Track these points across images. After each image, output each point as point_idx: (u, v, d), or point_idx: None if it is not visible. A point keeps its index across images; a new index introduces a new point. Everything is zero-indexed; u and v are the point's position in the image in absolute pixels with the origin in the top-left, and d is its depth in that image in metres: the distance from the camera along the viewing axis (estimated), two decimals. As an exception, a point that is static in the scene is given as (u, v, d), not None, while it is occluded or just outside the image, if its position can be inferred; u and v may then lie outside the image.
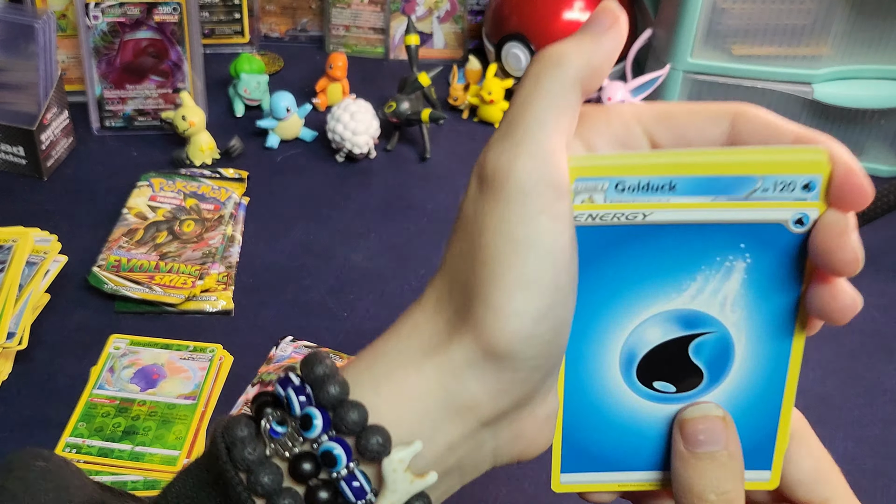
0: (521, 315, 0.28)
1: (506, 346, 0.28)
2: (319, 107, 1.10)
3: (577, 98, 0.29)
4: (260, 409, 0.29)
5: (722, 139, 0.30)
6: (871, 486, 0.68)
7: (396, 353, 0.30)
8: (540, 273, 0.28)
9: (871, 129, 1.04)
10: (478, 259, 0.28)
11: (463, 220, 0.30)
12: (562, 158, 0.28)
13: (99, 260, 0.84)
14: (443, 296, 0.30)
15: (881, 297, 0.87)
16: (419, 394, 0.29)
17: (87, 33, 1.00)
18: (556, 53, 0.29)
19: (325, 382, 0.29)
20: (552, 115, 0.28)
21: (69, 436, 0.69)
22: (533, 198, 0.28)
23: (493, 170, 0.28)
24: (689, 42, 0.97)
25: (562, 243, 0.28)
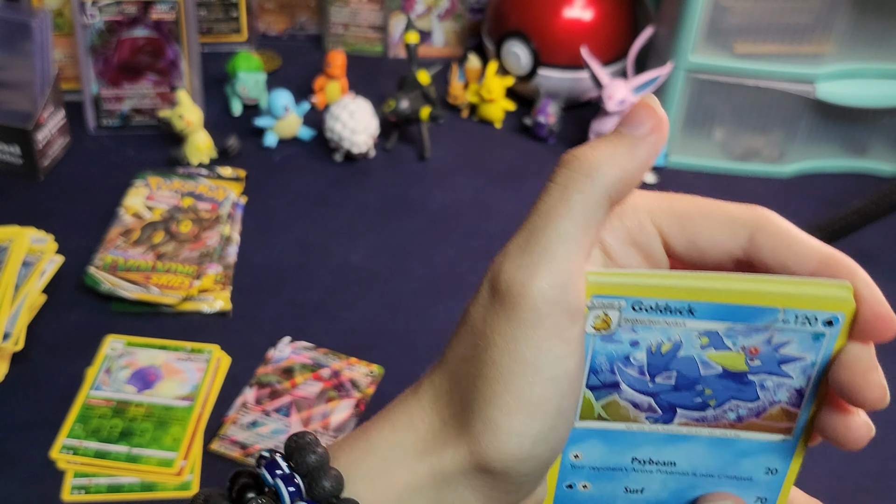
0: (520, 437, 0.27)
1: (502, 465, 0.28)
2: (318, 105, 1.09)
3: (605, 214, 0.27)
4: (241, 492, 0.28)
5: (738, 252, 0.28)
6: (873, 487, 0.68)
7: (390, 448, 0.29)
8: (544, 398, 0.27)
9: (874, 128, 1.03)
10: (482, 373, 0.28)
11: (470, 325, 0.29)
12: (581, 281, 0.27)
13: (95, 260, 0.84)
14: (441, 395, 0.29)
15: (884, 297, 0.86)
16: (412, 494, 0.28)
17: (83, 32, 1.00)
18: (589, 163, 0.27)
19: (318, 475, 0.28)
20: (577, 233, 0.27)
21: (66, 437, 0.69)
22: (547, 322, 0.27)
23: (508, 284, 0.27)
24: (691, 40, 0.96)
25: (569, 368, 0.27)
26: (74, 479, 0.67)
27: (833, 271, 0.28)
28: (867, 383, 0.27)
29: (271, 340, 0.78)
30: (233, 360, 0.76)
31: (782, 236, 0.28)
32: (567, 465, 0.32)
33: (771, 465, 0.31)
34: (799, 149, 1.04)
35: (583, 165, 0.27)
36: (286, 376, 0.75)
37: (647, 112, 0.28)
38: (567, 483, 0.32)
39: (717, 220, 0.29)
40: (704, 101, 1.01)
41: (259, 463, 0.29)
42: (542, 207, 0.27)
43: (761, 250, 0.28)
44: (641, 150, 0.28)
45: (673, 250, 0.29)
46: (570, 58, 1.06)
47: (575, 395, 0.28)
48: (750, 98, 1.00)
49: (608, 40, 1.07)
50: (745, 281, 0.28)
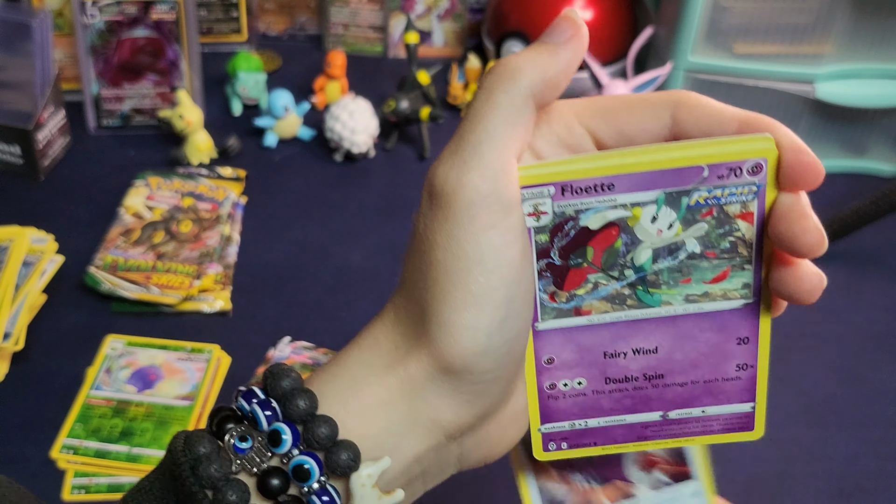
0: (473, 330, 0.28)
1: (460, 361, 0.28)
2: (318, 105, 1.09)
3: (530, 112, 0.29)
4: (220, 424, 0.29)
5: (664, 132, 0.30)
6: (873, 487, 0.68)
7: (359, 366, 0.30)
8: (490, 287, 0.28)
9: (874, 128, 1.03)
10: (429, 276, 0.29)
11: (415, 235, 0.30)
12: (512, 173, 0.28)
13: (96, 260, 0.84)
14: (399, 310, 0.30)
15: (884, 297, 0.86)
16: (384, 407, 0.29)
17: (83, 32, 1.00)
18: (511, 66, 0.29)
19: (293, 396, 0.28)
20: (503, 130, 0.28)
21: (66, 437, 0.69)
22: (481, 214, 0.28)
23: (441, 185, 0.28)
24: (691, 40, 0.96)
25: (511, 256, 0.28)
26: (75, 478, 0.67)
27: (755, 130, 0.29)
28: (802, 230, 0.28)
29: (271, 340, 0.78)
30: (233, 359, 0.76)
31: (701, 107, 0.29)
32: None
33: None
34: (798, 149, 1.04)
35: (506, 69, 0.29)
36: (286, 376, 0.75)
37: (567, 23, 0.29)
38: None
39: (639, 107, 0.30)
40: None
41: (236, 396, 0.29)
42: (470, 113, 0.29)
43: (684, 125, 0.29)
44: (562, 55, 0.29)
45: (603, 145, 0.31)
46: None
47: (524, 285, 0.29)
48: (749, 98, 1.00)
49: (608, 40, 1.08)
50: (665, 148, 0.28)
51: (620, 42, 1.08)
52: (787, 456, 0.70)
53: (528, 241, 0.29)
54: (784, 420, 0.73)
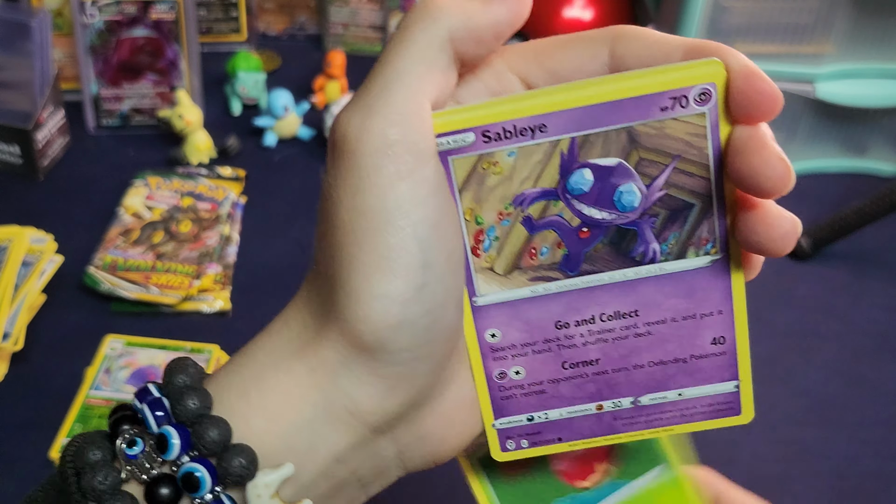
0: (383, 299, 0.24)
1: (372, 336, 0.24)
2: (317, 105, 1.09)
3: (448, 57, 0.25)
4: (116, 425, 0.26)
5: (602, 70, 0.26)
6: (873, 488, 0.68)
7: (265, 354, 0.26)
8: (402, 249, 0.24)
9: (874, 128, 1.03)
10: (334, 240, 0.25)
11: (321, 197, 0.26)
12: (425, 118, 0.24)
13: (95, 260, 0.84)
14: (311, 287, 0.27)
15: (885, 297, 0.86)
16: (292, 400, 0.25)
17: (83, 31, 1.00)
18: (431, 5, 0.25)
19: (183, 394, 0.25)
20: (415, 71, 0.24)
21: (65, 437, 0.69)
22: (389, 163, 0.24)
23: (343, 133, 0.25)
24: (690, 40, 0.96)
25: (426, 213, 0.24)
26: (74, 479, 0.67)
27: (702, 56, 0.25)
28: (763, 162, 0.24)
29: (271, 340, 0.78)
30: (232, 359, 0.76)
31: (642, 38, 0.26)
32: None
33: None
34: (798, 149, 1.04)
35: (428, 6, 0.25)
36: (286, 376, 0.75)
37: None
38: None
39: (573, 46, 0.27)
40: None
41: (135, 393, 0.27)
42: (382, 53, 0.25)
43: (625, 60, 0.26)
44: (494, 8, 0.25)
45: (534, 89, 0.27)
46: (570, 58, 1.06)
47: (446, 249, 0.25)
48: (750, 98, 1.00)
49: (608, 40, 1.08)
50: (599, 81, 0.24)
51: (620, 42, 1.08)
52: (787, 456, 0.70)
53: (447, 197, 0.25)
54: (784, 420, 0.73)
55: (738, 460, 0.69)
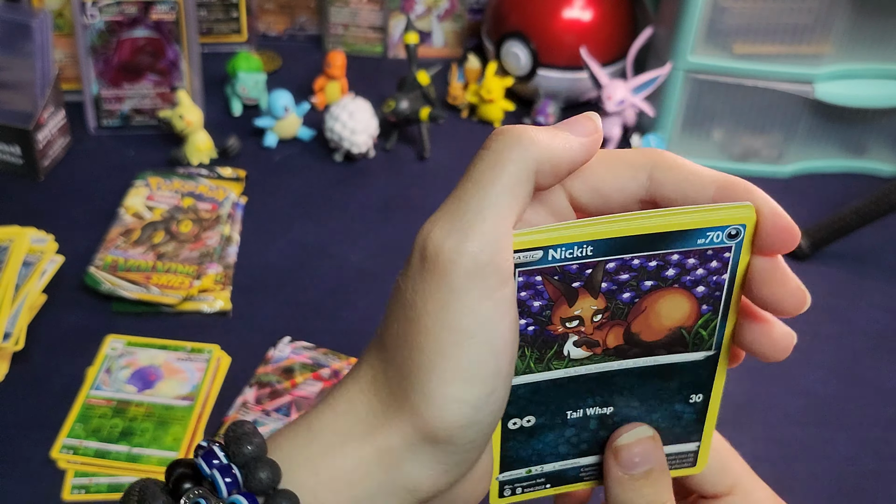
0: (460, 404, 0.27)
1: (445, 434, 0.27)
2: (318, 105, 1.09)
3: (531, 187, 0.28)
4: (178, 482, 0.27)
5: (641, 192, 0.29)
6: (872, 487, 0.68)
7: (332, 432, 0.28)
8: (480, 363, 0.27)
9: (873, 129, 1.03)
10: (416, 344, 0.27)
11: (401, 298, 0.28)
12: (508, 244, 0.27)
13: (96, 260, 0.84)
14: (379, 374, 0.29)
15: (883, 297, 0.87)
16: (358, 478, 0.28)
17: (83, 32, 1.00)
18: (524, 135, 0.27)
19: (255, 466, 0.27)
20: (506, 199, 0.27)
21: (66, 437, 0.69)
22: (478, 285, 0.26)
23: (437, 251, 0.27)
24: (690, 40, 0.96)
25: (503, 329, 0.27)
26: (75, 478, 0.67)
27: (732, 194, 0.29)
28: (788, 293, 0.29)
29: (271, 340, 0.78)
30: (233, 359, 0.76)
31: (679, 169, 0.29)
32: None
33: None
34: (798, 149, 1.04)
35: (519, 137, 0.27)
36: (286, 376, 0.75)
37: (588, 122, 0.29)
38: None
39: (615, 165, 0.29)
40: (703, 102, 1.01)
41: (197, 453, 0.28)
42: (473, 174, 0.28)
43: (662, 186, 0.29)
44: (574, 146, 0.28)
45: (578, 203, 0.30)
46: (570, 58, 1.06)
47: (510, 356, 0.28)
48: (749, 98, 1.00)
49: (607, 41, 1.08)
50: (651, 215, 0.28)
51: (620, 42, 1.08)
52: (787, 456, 0.70)
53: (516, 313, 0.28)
54: (784, 420, 0.73)
55: (737, 460, 0.69)
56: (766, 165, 1.04)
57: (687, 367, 0.32)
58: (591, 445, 0.33)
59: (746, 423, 0.73)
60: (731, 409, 0.75)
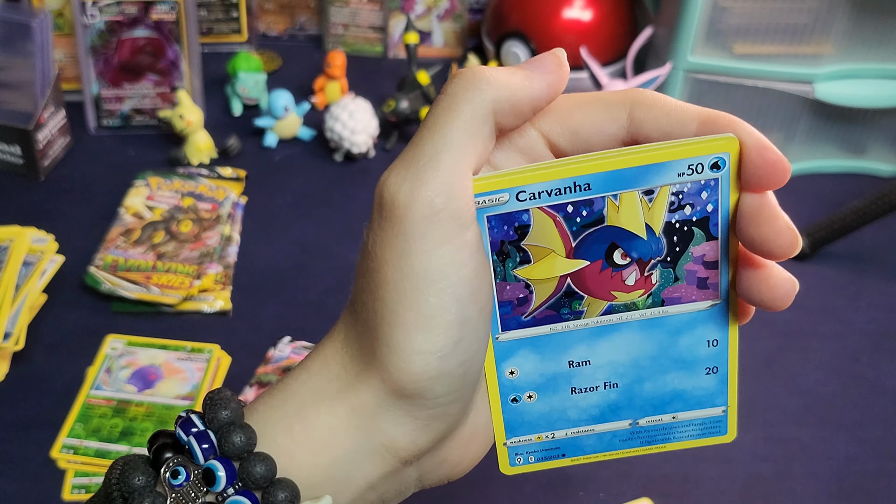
0: (424, 354, 0.26)
1: (413, 386, 0.27)
2: (318, 105, 1.09)
3: (490, 127, 0.27)
4: (159, 452, 0.27)
5: (621, 132, 0.28)
6: (872, 488, 0.68)
7: (307, 392, 0.28)
8: (443, 309, 0.26)
9: (873, 129, 1.03)
10: (378, 295, 0.27)
11: (364, 251, 0.28)
12: (467, 187, 0.27)
13: (96, 260, 0.84)
14: (350, 331, 0.29)
15: (883, 297, 0.87)
16: (334, 436, 0.27)
17: (83, 32, 1.00)
18: (480, 76, 0.27)
19: (230, 430, 0.27)
20: (462, 142, 0.26)
21: (66, 437, 0.69)
22: (435, 229, 0.26)
23: (392, 198, 0.27)
24: (690, 40, 0.96)
25: (465, 274, 0.26)
26: (75, 478, 0.67)
27: (714, 128, 0.28)
28: (775, 231, 0.27)
29: (271, 340, 0.78)
30: (233, 359, 0.76)
31: (659, 106, 0.28)
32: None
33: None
34: (798, 149, 1.04)
35: (474, 78, 0.27)
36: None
37: (552, 58, 0.28)
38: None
39: (593, 107, 0.29)
40: (703, 102, 1.01)
41: (176, 422, 0.28)
42: (429, 120, 0.27)
43: (642, 125, 0.28)
44: (536, 83, 0.27)
45: (557, 148, 0.29)
46: (570, 58, 1.05)
47: (479, 304, 0.27)
48: (749, 98, 1.00)
49: (607, 41, 1.08)
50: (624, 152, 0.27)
51: (620, 42, 1.08)
52: (787, 456, 0.70)
53: (483, 257, 0.27)
54: (784, 420, 0.73)
55: (737, 459, 0.69)
56: (766, 165, 1.04)
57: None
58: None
59: (746, 422, 0.73)
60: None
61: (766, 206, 0.27)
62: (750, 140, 0.27)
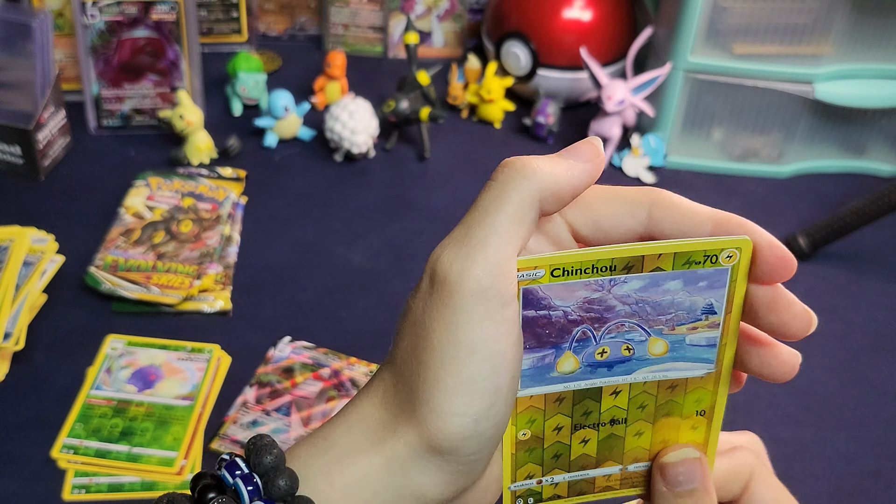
0: (462, 417, 0.29)
1: (448, 444, 0.29)
2: (318, 106, 1.09)
3: (535, 215, 0.30)
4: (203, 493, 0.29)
5: (639, 228, 0.31)
6: (871, 487, 0.68)
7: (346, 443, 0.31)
8: (481, 377, 0.29)
9: (872, 129, 1.03)
10: (423, 359, 0.30)
11: (411, 317, 0.31)
12: (511, 269, 0.29)
13: (96, 260, 0.84)
14: (389, 388, 0.31)
15: (883, 297, 0.87)
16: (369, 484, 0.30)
17: (84, 32, 1.00)
18: (528, 167, 0.30)
19: (275, 474, 0.29)
20: (509, 228, 0.29)
21: (66, 437, 0.69)
22: (480, 305, 0.29)
23: (445, 273, 0.29)
24: (690, 41, 0.96)
25: (503, 347, 0.29)
26: (75, 478, 0.67)
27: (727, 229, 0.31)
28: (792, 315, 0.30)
29: (271, 340, 0.78)
30: (233, 359, 0.76)
31: (677, 207, 0.31)
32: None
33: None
34: (797, 149, 1.04)
35: (523, 167, 0.30)
36: (286, 376, 0.75)
37: (590, 147, 0.31)
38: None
39: (615, 201, 0.32)
40: (703, 102, 1.01)
41: (220, 465, 0.30)
42: (480, 203, 0.30)
43: (660, 223, 0.31)
44: (577, 172, 0.30)
45: (580, 235, 0.32)
46: (570, 58, 1.06)
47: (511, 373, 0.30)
48: (749, 98, 1.00)
49: (607, 41, 1.08)
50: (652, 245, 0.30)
51: (620, 42, 1.09)
52: (787, 456, 0.70)
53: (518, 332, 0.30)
54: (784, 420, 0.73)
55: (736, 459, 0.70)
56: (766, 165, 1.04)
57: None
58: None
59: (746, 422, 0.73)
60: (730, 408, 0.75)
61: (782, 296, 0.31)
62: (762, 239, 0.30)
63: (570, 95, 1.09)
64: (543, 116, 1.05)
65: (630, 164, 1.02)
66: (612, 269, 0.31)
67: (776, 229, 0.96)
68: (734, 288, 0.31)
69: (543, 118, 1.05)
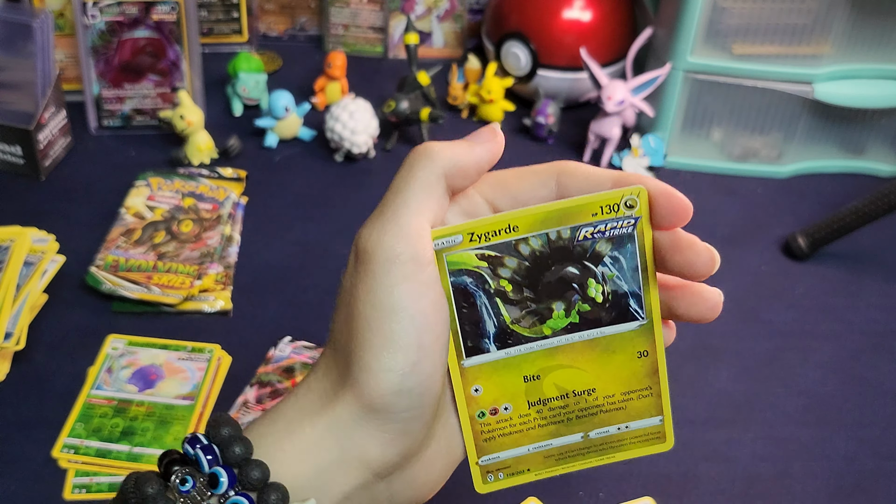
0: (388, 372, 0.32)
1: (380, 399, 0.32)
2: (318, 106, 1.09)
3: (443, 188, 0.34)
4: (168, 466, 0.32)
5: (551, 196, 0.35)
6: (871, 487, 0.68)
7: (294, 411, 0.34)
8: (404, 333, 0.32)
9: (872, 129, 1.03)
10: (352, 326, 0.33)
11: (342, 293, 0.34)
12: (424, 235, 0.33)
13: (97, 260, 0.84)
14: (329, 361, 0.34)
15: (883, 297, 0.87)
16: (316, 448, 0.33)
17: (84, 32, 1.00)
18: (430, 149, 0.34)
19: (231, 442, 0.32)
20: (418, 199, 0.33)
21: (67, 436, 0.69)
22: (395, 269, 0.32)
23: (363, 245, 0.33)
24: (690, 41, 0.97)
25: (422, 307, 0.32)
26: (76, 478, 0.67)
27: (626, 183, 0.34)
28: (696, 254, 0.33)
29: (272, 340, 0.78)
30: (234, 359, 0.76)
31: (580, 173, 0.35)
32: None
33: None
34: (797, 149, 1.04)
35: (426, 150, 0.34)
36: (287, 375, 0.75)
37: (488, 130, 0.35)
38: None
39: (528, 176, 0.36)
40: (703, 102, 1.02)
41: (183, 441, 0.33)
42: (393, 184, 0.35)
43: (568, 189, 0.35)
44: (476, 150, 0.35)
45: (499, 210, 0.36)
46: (570, 59, 1.06)
47: (435, 332, 0.33)
48: (748, 99, 1.00)
49: (607, 41, 1.08)
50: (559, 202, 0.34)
51: (620, 43, 1.09)
52: (786, 456, 0.70)
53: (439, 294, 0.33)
54: (783, 420, 0.74)
55: (736, 460, 0.70)
56: (766, 165, 1.04)
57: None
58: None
59: (746, 422, 0.73)
60: (730, 408, 0.76)
61: (683, 237, 0.33)
62: (657, 189, 0.33)
63: (570, 96, 1.09)
64: (543, 117, 1.05)
65: (630, 165, 1.02)
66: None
67: (776, 229, 0.97)
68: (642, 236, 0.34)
69: (543, 118, 1.05)
